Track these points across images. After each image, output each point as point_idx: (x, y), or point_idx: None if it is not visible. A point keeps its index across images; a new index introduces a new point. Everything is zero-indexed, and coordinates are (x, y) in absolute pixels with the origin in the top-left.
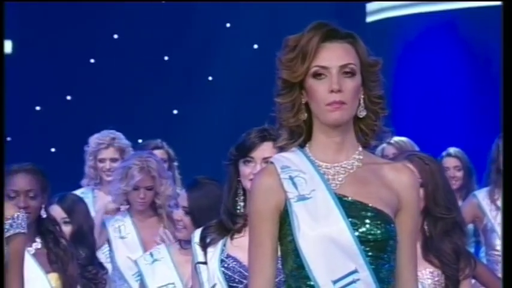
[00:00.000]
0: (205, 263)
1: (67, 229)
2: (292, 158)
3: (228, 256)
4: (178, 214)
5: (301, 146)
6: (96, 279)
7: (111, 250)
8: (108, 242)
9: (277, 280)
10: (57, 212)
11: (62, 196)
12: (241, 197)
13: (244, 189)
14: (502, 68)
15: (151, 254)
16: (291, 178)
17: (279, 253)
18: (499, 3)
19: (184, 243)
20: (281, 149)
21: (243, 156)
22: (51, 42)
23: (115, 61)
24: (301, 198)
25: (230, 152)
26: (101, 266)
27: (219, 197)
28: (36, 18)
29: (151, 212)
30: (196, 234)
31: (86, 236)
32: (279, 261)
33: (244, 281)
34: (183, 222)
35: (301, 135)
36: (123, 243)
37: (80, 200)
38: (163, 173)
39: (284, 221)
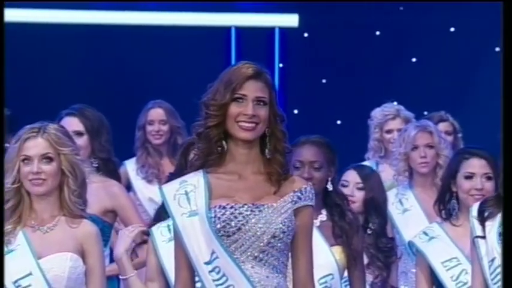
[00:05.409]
0: (483, 237)
1: (359, 194)
2: None
3: None
4: None
5: None
6: (387, 251)
7: (394, 226)
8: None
9: None
10: (352, 176)
11: (359, 165)
12: None
13: None
14: (502, 68)
15: (425, 233)
16: None
17: None
18: None
19: (455, 219)
20: None
21: None
22: (337, 14)
23: (400, 33)
24: None
25: None
26: (391, 238)
27: None
28: None
29: (432, 182)
30: (474, 208)
31: (379, 206)
32: None
33: None
34: None
35: None
36: (405, 217)
37: (376, 171)
38: (439, 133)
39: None
